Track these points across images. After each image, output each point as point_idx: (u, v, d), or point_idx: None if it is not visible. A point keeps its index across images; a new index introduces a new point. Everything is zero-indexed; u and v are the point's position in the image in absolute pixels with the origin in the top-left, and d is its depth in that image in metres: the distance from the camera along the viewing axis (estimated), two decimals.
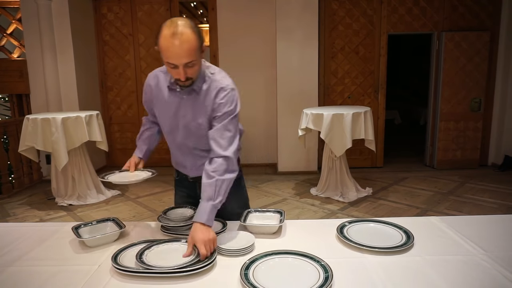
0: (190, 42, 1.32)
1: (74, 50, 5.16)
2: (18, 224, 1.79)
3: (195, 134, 1.55)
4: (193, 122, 1.53)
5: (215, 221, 1.59)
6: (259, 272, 1.16)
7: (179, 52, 1.32)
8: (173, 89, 1.53)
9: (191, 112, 1.52)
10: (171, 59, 1.34)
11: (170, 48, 1.32)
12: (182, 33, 1.31)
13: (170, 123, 1.58)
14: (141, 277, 1.16)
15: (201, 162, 1.60)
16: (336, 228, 1.48)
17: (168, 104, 1.55)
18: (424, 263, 1.22)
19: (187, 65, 1.36)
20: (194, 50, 1.34)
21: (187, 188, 1.75)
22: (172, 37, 1.31)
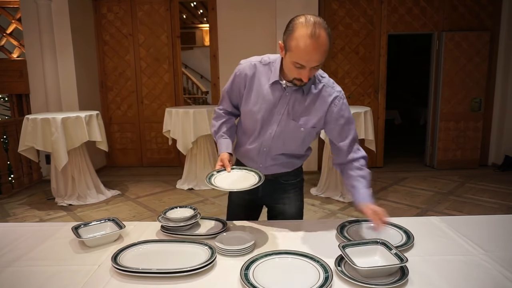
0: (326, 45, 1.29)
1: (74, 50, 5.16)
2: (18, 224, 1.78)
3: (287, 135, 1.52)
4: (292, 123, 1.49)
5: (215, 221, 1.59)
6: (259, 272, 1.16)
7: (314, 54, 1.28)
8: (277, 83, 1.48)
9: (291, 112, 1.48)
10: (302, 59, 1.30)
11: (305, 48, 1.27)
12: (320, 35, 1.27)
13: (263, 117, 1.51)
14: (141, 277, 1.16)
15: (274, 163, 1.59)
16: (336, 228, 1.47)
17: (266, 97, 1.49)
18: (424, 263, 1.22)
19: (314, 67, 1.33)
20: (327, 53, 1.32)
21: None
22: (310, 38, 1.26)
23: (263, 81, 1.50)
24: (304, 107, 1.48)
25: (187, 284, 1.14)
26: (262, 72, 1.51)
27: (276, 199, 1.72)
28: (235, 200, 1.79)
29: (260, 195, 1.70)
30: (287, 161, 1.62)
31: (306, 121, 1.49)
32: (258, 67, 1.52)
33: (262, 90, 1.50)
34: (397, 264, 1.13)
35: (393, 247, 1.21)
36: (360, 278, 1.10)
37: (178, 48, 5.77)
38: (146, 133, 5.97)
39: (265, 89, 1.49)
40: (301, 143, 1.57)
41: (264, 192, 1.68)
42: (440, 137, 5.40)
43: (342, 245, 1.22)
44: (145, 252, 1.32)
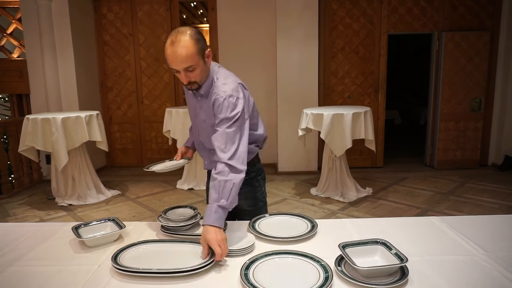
0: (188, 48, 1.42)
1: (74, 50, 5.16)
2: (18, 224, 1.79)
3: (206, 133, 1.67)
4: (203, 124, 1.67)
5: None
6: (259, 272, 1.16)
7: (176, 58, 1.43)
8: (193, 92, 1.65)
9: (202, 114, 1.65)
10: (171, 64, 1.46)
11: (169, 54, 1.44)
12: (180, 40, 1.42)
13: (192, 121, 1.81)
14: (141, 277, 1.16)
15: (212, 159, 1.66)
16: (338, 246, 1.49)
17: (190, 105, 1.74)
18: (424, 263, 1.22)
19: (187, 69, 1.46)
20: (192, 55, 1.43)
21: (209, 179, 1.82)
22: (171, 45, 1.43)
23: (190, 92, 1.68)
24: (207, 109, 1.61)
25: (187, 284, 1.14)
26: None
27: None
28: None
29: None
30: None
31: (210, 122, 1.62)
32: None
33: (189, 99, 1.73)
34: (397, 264, 1.13)
35: (393, 247, 1.21)
36: (360, 278, 1.10)
37: None
38: (146, 133, 5.98)
39: (190, 97, 1.71)
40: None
41: None
42: (440, 137, 5.40)
43: (342, 245, 1.22)
44: (145, 252, 1.32)
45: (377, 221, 1.71)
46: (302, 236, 1.42)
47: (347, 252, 1.18)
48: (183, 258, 1.26)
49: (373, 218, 2.96)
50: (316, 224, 1.53)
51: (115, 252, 1.28)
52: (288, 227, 1.54)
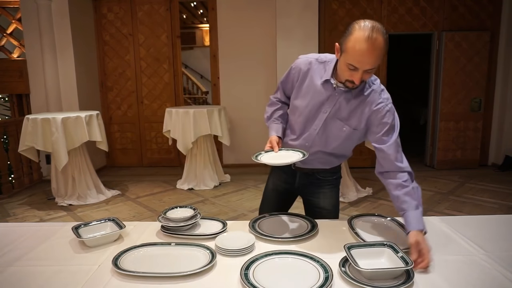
0: (381, 50, 1.30)
1: (74, 50, 5.16)
2: (18, 224, 1.79)
3: (330, 133, 1.56)
4: (336, 123, 1.53)
5: (215, 221, 1.60)
6: (259, 272, 1.16)
7: (367, 57, 1.30)
8: (328, 82, 1.51)
9: (344, 112, 1.51)
10: (356, 62, 1.32)
11: (360, 50, 1.29)
12: (376, 39, 1.28)
13: (309, 112, 1.56)
14: (142, 277, 1.16)
15: (313, 158, 1.62)
16: (347, 220, 1.53)
17: (316, 93, 1.53)
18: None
19: (367, 70, 1.35)
20: (381, 57, 1.33)
21: (286, 174, 1.77)
22: (366, 41, 1.28)
23: (316, 78, 1.54)
24: (350, 109, 1.51)
25: (187, 284, 1.14)
26: (316, 70, 1.55)
27: (311, 193, 1.76)
28: (271, 186, 1.85)
29: (296, 186, 1.77)
30: (326, 159, 1.66)
31: (349, 122, 1.52)
32: (313, 64, 1.57)
33: (313, 86, 1.54)
34: (400, 268, 1.12)
35: (400, 250, 1.19)
36: (364, 280, 1.09)
37: (178, 48, 5.78)
38: (146, 133, 5.97)
39: (316, 86, 1.53)
40: (341, 143, 1.59)
41: (300, 184, 1.75)
42: (440, 137, 5.40)
43: (348, 246, 1.21)
44: (145, 255, 1.32)
45: (382, 220, 1.70)
46: (302, 236, 1.42)
47: (352, 254, 1.17)
48: (182, 261, 1.27)
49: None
50: (316, 224, 1.53)
51: (115, 255, 1.27)
52: (288, 227, 1.54)
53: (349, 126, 1.53)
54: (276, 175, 1.84)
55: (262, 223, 1.58)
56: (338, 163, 1.73)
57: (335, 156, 1.67)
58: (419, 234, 1.26)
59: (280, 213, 1.70)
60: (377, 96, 1.49)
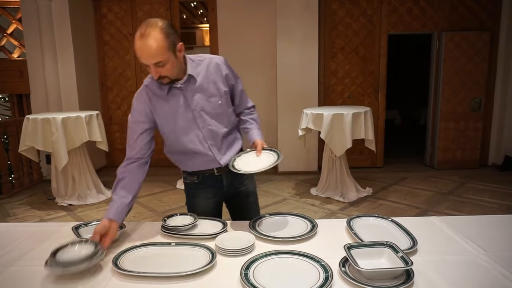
0: (157, 42, 1.36)
1: (74, 50, 5.16)
2: (18, 224, 1.79)
3: (214, 115, 1.61)
4: (209, 104, 1.59)
5: (216, 221, 1.60)
6: (259, 272, 1.16)
7: (145, 52, 1.37)
8: (173, 88, 1.55)
9: (201, 97, 1.58)
10: (140, 59, 1.41)
11: (138, 48, 1.38)
12: (149, 34, 1.35)
13: (184, 119, 1.58)
14: (142, 277, 1.16)
15: (225, 148, 1.68)
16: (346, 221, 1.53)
17: (173, 103, 1.57)
18: (424, 263, 1.22)
19: (157, 64, 1.40)
20: (162, 50, 1.37)
21: (212, 186, 1.74)
22: (140, 38, 1.37)
23: (160, 94, 1.56)
24: (204, 85, 1.58)
25: (187, 284, 1.14)
26: (155, 89, 1.58)
27: (237, 186, 1.78)
28: (201, 209, 1.74)
29: (225, 189, 1.76)
30: (230, 139, 1.71)
31: (216, 92, 1.60)
32: (149, 86, 1.60)
33: (165, 100, 1.56)
34: (400, 267, 1.11)
35: (400, 250, 1.19)
36: (364, 280, 1.09)
37: None
38: None
39: (166, 97, 1.56)
40: (228, 114, 1.67)
41: (228, 183, 1.75)
42: (440, 137, 5.40)
43: (348, 246, 1.21)
44: (145, 255, 1.32)
45: (381, 221, 1.70)
46: (302, 236, 1.42)
47: (352, 254, 1.17)
48: (182, 261, 1.27)
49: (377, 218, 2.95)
50: (316, 224, 1.53)
51: (115, 255, 1.28)
52: (288, 227, 1.54)
53: (219, 94, 1.61)
54: (201, 195, 1.76)
55: (262, 223, 1.58)
56: (240, 137, 1.78)
57: (231, 131, 1.72)
58: (262, 141, 1.64)
59: (280, 213, 1.70)
60: (214, 60, 1.62)
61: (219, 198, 1.79)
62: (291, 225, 1.56)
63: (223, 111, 1.64)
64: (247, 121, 1.77)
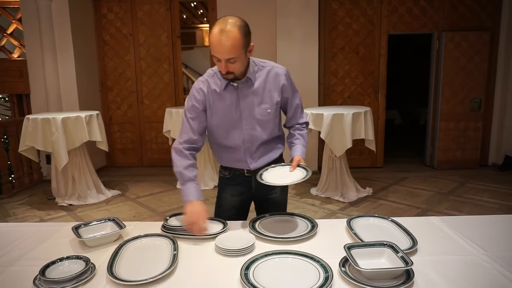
0: (234, 40, 1.44)
1: (74, 50, 5.16)
2: (18, 224, 1.79)
3: (260, 121, 1.66)
4: (258, 109, 1.64)
5: (216, 221, 1.60)
6: (259, 272, 1.16)
7: (222, 47, 1.44)
8: (230, 86, 1.61)
9: (253, 101, 1.63)
10: (215, 53, 1.47)
11: (215, 42, 1.45)
12: (229, 31, 1.43)
13: (234, 117, 1.64)
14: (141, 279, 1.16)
15: (260, 153, 1.70)
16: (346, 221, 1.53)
17: (226, 100, 1.63)
18: (424, 263, 1.22)
19: (229, 60, 1.47)
20: (237, 47, 1.45)
21: (241, 185, 1.78)
22: (219, 33, 1.43)
23: (217, 90, 1.63)
24: (259, 90, 1.64)
25: (186, 284, 1.14)
26: (213, 84, 1.65)
27: (268, 191, 1.78)
28: (227, 203, 1.82)
29: (253, 191, 1.78)
30: (269, 147, 1.74)
31: (267, 101, 1.65)
32: (209, 80, 1.66)
33: (221, 98, 1.64)
34: (400, 268, 1.11)
35: (400, 250, 1.19)
36: (364, 280, 1.09)
37: (178, 48, 5.78)
38: (146, 133, 5.97)
39: (223, 95, 1.63)
40: (273, 123, 1.71)
41: (257, 186, 1.74)
42: (440, 137, 5.40)
43: (348, 246, 1.21)
44: (145, 246, 1.32)
45: (381, 221, 1.70)
46: (302, 236, 1.42)
47: (352, 254, 1.17)
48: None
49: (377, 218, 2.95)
50: (316, 224, 1.53)
51: (109, 261, 1.24)
52: (288, 227, 1.54)
53: (271, 103, 1.65)
54: (228, 190, 1.82)
55: (262, 223, 1.58)
56: (281, 145, 1.81)
57: (272, 141, 1.74)
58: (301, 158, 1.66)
59: (280, 213, 1.70)
60: (277, 69, 1.68)
61: (246, 197, 1.82)
62: (291, 225, 1.56)
63: (270, 119, 1.67)
64: (294, 136, 1.78)
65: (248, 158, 1.69)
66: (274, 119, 1.70)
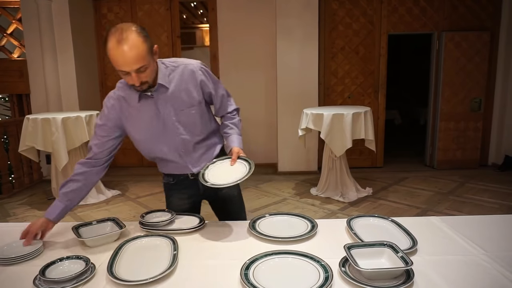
0: (138, 47, 1.31)
1: (74, 50, 5.16)
2: (18, 224, 1.78)
3: (186, 124, 1.56)
4: (181, 113, 1.54)
5: (193, 217, 1.62)
6: (259, 272, 1.16)
7: (126, 59, 1.31)
8: (144, 96, 1.50)
9: (173, 106, 1.53)
10: (120, 66, 1.34)
11: (117, 55, 1.31)
12: (127, 39, 1.29)
13: (155, 131, 1.55)
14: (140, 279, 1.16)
15: (198, 154, 1.64)
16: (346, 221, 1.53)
17: (144, 112, 1.52)
18: (424, 263, 1.22)
19: (139, 70, 1.35)
20: (143, 54, 1.33)
21: (188, 188, 1.73)
22: (118, 44, 1.29)
23: (131, 102, 1.52)
24: (178, 95, 1.52)
25: (187, 284, 1.14)
26: (126, 96, 1.54)
27: (216, 189, 1.68)
28: (176, 208, 1.74)
29: (201, 192, 1.73)
30: (205, 145, 1.66)
31: (190, 103, 1.54)
32: (119, 94, 1.56)
33: (136, 109, 1.51)
34: (400, 268, 1.11)
35: (400, 250, 1.19)
36: (364, 280, 1.09)
37: (178, 48, 5.78)
38: None
39: (138, 106, 1.51)
40: (203, 122, 1.62)
41: (205, 187, 1.60)
42: (440, 137, 5.40)
43: (348, 245, 1.21)
44: (143, 254, 1.32)
45: (381, 221, 1.70)
46: (302, 236, 1.42)
47: (352, 253, 1.17)
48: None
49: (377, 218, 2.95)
50: (316, 224, 1.53)
51: (109, 261, 1.23)
52: (288, 227, 1.54)
53: (193, 105, 1.55)
54: (176, 195, 1.75)
55: (262, 223, 1.58)
56: (219, 141, 1.73)
57: (207, 138, 1.66)
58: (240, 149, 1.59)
59: (280, 213, 1.70)
60: (189, 67, 1.55)
61: (195, 199, 1.78)
62: (291, 225, 1.55)
63: (197, 119, 1.58)
64: (227, 126, 1.69)
65: (188, 164, 1.62)
66: (202, 117, 1.60)
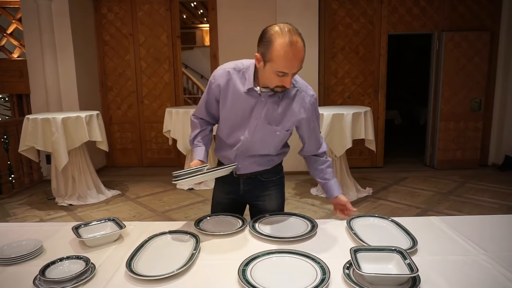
0: (303, 52, 1.38)
1: (74, 50, 5.16)
2: (18, 224, 1.78)
3: (265, 137, 1.57)
4: (268, 127, 1.55)
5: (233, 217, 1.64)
6: (257, 271, 1.16)
7: (295, 61, 1.35)
8: (252, 90, 1.52)
9: (267, 116, 1.53)
10: (285, 68, 1.35)
11: (287, 57, 1.33)
12: (297, 41, 1.35)
13: (241, 121, 1.56)
14: (140, 279, 1.16)
15: (251, 162, 1.64)
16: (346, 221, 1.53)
17: (242, 102, 1.53)
18: (424, 263, 1.22)
19: (295, 73, 1.40)
20: (303, 59, 1.40)
21: (228, 184, 1.74)
22: (290, 46, 1.32)
23: (239, 87, 1.54)
24: (279, 111, 1.54)
25: (186, 283, 1.14)
26: (236, 79, 1.55)
27: (257, 196, 1.74)
28: (216, 200, 1.82)
29: (241, 193, 1.74)
30: (264, 160, 1.67)
31: (281, 125, 1.56)
32: (232, 74, 1.56)
33: (238, 96, 1.53)
34: (404, 275, 1.09)
35: (408, 256, 1.16)
36: (366, 284, 1.07)
37: (178, 48, 5.78)
38: (146, 133, 5.98)
39: (241, 95, 1.53)
40: (277, 144, 1.64)
41: (245, 190, 1.72)
42: (440, 137, 5.40)
43: (354, 249, 1.20)
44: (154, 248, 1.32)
45: (381, 221, 1.70)
46: (302, 236, 1.42)
47: (358, 257, 1.16)
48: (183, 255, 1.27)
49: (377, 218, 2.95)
50: (316, 224, 1.53)
51: (128, 258, 1.25)
52: (288, 227, 1.54)
53: (283, 129, 1.56)
54: (218, 187, 1.80)
55: (262, 223, 1.58)
56: (278, 160, 1.74)
57: (273, 156, 1.68)
58: (340, 197, 1.71)
59: (280, 213, 1.70)
60: (304, 94, 1.57)
61: (234, 197, 1.76)
62: (291, 225, 1.55)
63: (274, 141, 1.60)
64: (326, 172, 1.72)
65: (240, 163, 1.64)
66: (279, 142, 1.63)
